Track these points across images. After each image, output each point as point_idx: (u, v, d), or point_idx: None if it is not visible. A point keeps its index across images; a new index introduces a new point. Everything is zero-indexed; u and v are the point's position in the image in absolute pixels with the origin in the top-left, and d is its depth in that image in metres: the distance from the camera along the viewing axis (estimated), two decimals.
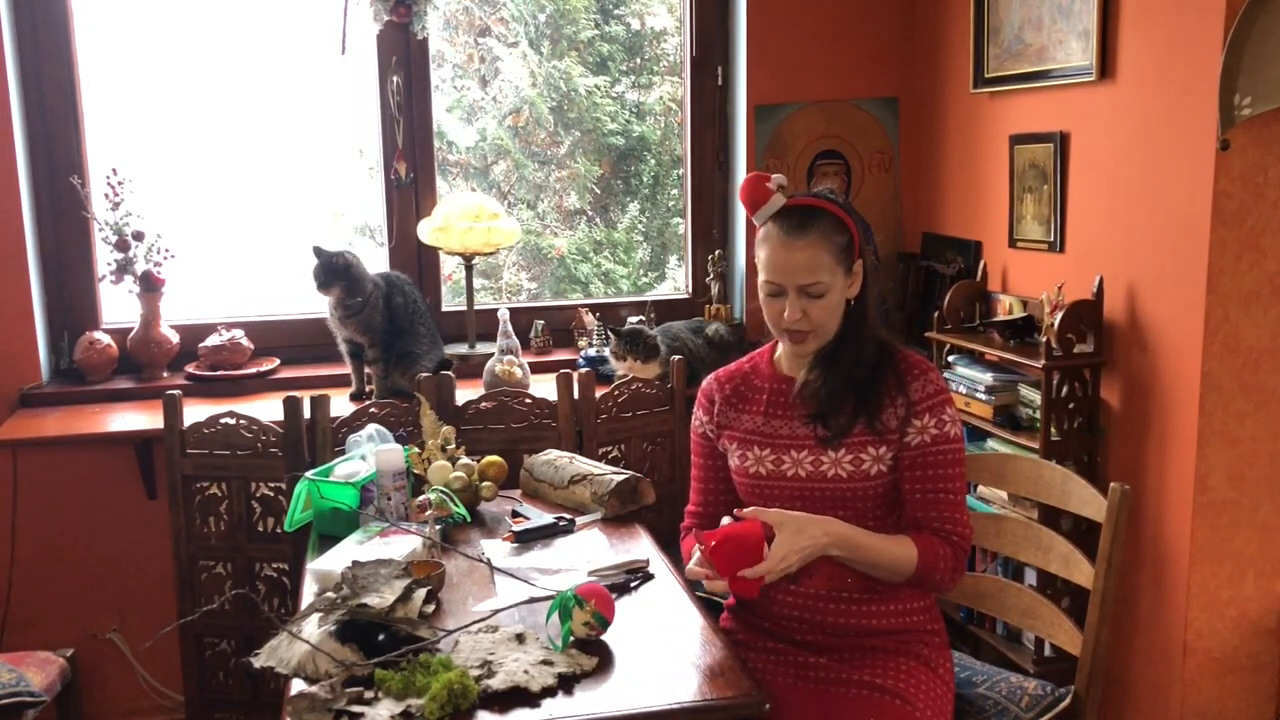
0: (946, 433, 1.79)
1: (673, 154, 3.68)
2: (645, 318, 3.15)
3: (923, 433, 1.78)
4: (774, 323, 1.82)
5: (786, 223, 1.78)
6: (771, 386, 1.89)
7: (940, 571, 1.77)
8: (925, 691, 1.74)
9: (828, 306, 1.78)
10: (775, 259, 1.78)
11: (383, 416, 2.53)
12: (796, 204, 1.79)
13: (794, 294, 1.77)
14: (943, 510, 1.79)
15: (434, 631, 1.63)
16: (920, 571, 1.75)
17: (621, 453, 2.71)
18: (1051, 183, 2.60)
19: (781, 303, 1.78)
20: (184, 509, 2.51)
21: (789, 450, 1.82)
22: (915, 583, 1.79)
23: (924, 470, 1.79)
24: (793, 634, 1.83)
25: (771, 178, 1.80)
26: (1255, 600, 2.29)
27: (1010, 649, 2.55)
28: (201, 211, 3.21)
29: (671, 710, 1.49)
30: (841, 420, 1.80)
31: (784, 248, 1.77)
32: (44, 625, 2.81)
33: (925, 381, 1.80)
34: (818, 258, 1.75)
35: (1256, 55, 2.03)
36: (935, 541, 1.77)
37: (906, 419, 1.78)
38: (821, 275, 1.76)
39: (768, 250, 1.79)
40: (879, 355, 1.83)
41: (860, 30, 3.18)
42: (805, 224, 1.77)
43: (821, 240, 1.76)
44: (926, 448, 1.78)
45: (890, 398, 1.80)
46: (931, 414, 1.78)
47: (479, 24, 3.60)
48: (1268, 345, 2.20)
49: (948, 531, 1.78)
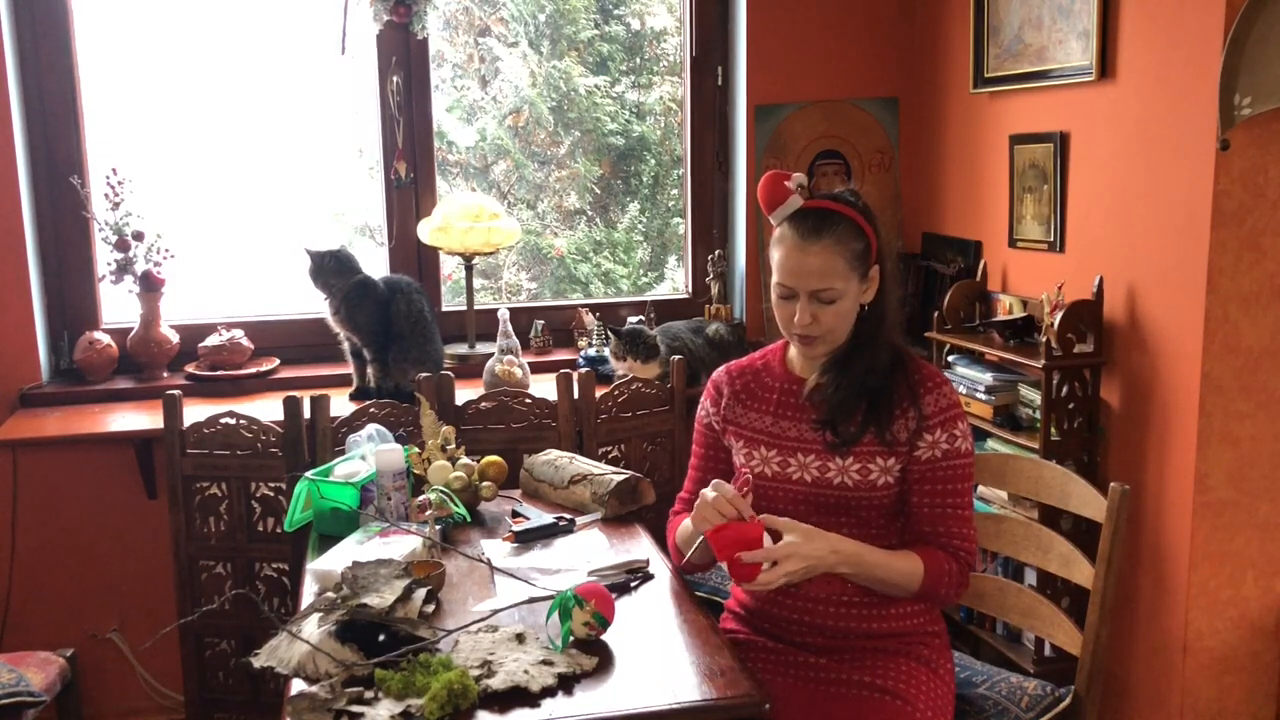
0: (958, 448, 1.76)
1: (673, 154, 3.68)
2: (645, 318, 3.15)
3: (934, 447, 1.76)
4: (784, 325, 1.80)
5: (802, 225, 1.74)
6: (782, 386, 1.87)
7: (946, 587, 1.75)
8: (925, 692, 1.74)
9: (839, 313, 1.75)
10: (788, 262, 1.75)
11: (383, 416, 2.53)
12: (814, 206, 1.75)
13: (805, 299, 1.74)
14: (950, 525, 1.77)
15: (434, 631, 1.63)
16: (926, 587, 1.74)
17: (621, 453, 2.71)
18: (1051, 183, 2.60)
19: (792, 306, 1.76)
20: (184, 509, 2.51)
21: (796, 453, 1.81)
22: (920, 597, 1.77)
23: (933, 484, 1.76)
24: (793, 636, 1.83)
25: (792, 177, 1.76)
26: (1255, 600, 2.29)
27: (1010, 649, 2.55)
28: (201, 211, 3.21)
29: (671, 710, 1.49)
30: (851, 428, 1.77)
31: (798, 251, 1.73)
32: (44, 625, 2.81)
33: (939, 395, 1.77)
34: (832, 263, 1.72)
35: (1256, 55, 2.03)
36: (942, 557, 1.75)
37: (918, 432, 1.76)
38: (835, 281, 1.73)
39: (781, 252, 1.76)
40: (893, 363, 1.80)
41: (860, 30, 3.18)
42: (820, 228, 1.73)
43: (836, 246, 1.72)
44: (937, 462, 1.76)
45: (902, 409, 1.77)
46: (944, 429, 1.76)
47: (479, 24, 3.60)
48: (1268, 345, 2.20)
49: (955, 547, 1.77)
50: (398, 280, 2.85)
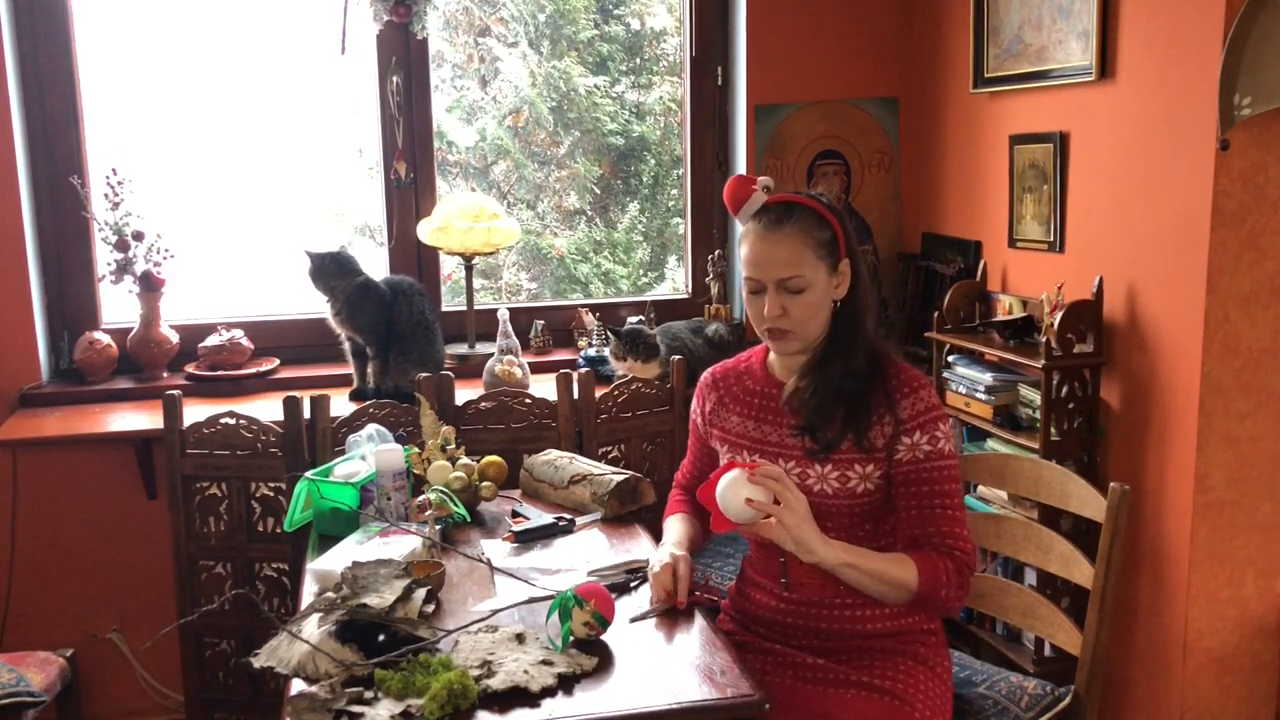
0: (940, 449, 1.74)
1: (673, 154, 3.68)
2: (645, 318, 3.15)
3: (914, 449, 1.74)
4: (756, 322, 1.80)
5: (766, 217, 1.77)
6: (763, 390, 1.87)
7: (944, 587, 1.70)
8: (924, 691, 1.74)
9: (809, 304, 1.75)
10: (753, 253, 1.76)
11: (383, 416, 2.53)
12: (776, 200, 1.78)
13: (773, 289, 1.74)
14: (940, 525, 1.73)
15: (434, 631, 1.63)
16: (923, 589, 1.70)
17: (621, 453, 2.71)
18: (1051, 183, 2.60)
19: (762, 300, 1.76)
20: (184, 509, 2.51)
21: (776, 459, 1.79)
22: (920, 602, 1.73)
23: (918, 486, 1.74)
24: (788, 639, 1.82)
25: (757, 179, 1.79)
26: (1255, 600, 2.29)
27: (1010, 649, 2.55)
28: (201, 211, 3.21)
29: (671, 710, 1.49)
30: (830, 434, 1.75)
31: (762, 241, 1.75)
32: (44, 625, 2.81)
33: (915, 400, 1.75)
34: (796, 251, 1.73)
35: (1256, 55, 2.03)
36: (935, 557, 1.72)
37: (895, 437, 1.74)
38: (801, 269, 1.73)
39: (747, 246, 1.78)
40: (870, 367, 1.78)
41: (860, 30, 3.18)
42: (783, 218, 1.75)
43: (800, 234, 1.74)
44: (920, 464, 1.74)
45: (879, 415, 1.75)
46: (923, 430, 1.74)
47: (479, 24, 3.60)
48: (1268, 345, 2.20)
49: (949, 546, 1.73)
50: (400, 281, 2.85)
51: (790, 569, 1.80)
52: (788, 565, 1.80)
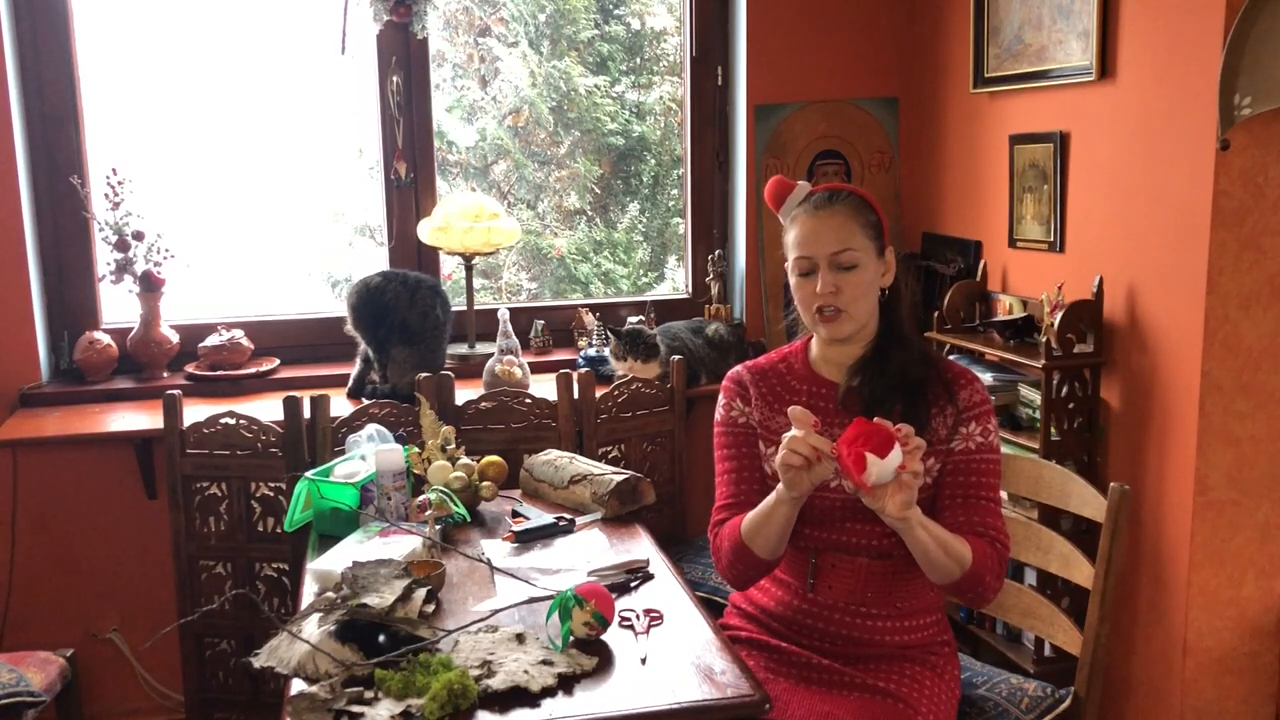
0: (990, 442, 1.76)
1: (673, 154, 3.68)
2: (645, 318, 3.15)
3: (968, 439, 1.75)
4: (805, 305, 1.77)
5: (814, 200, 1.78)
6: (810, 389, 1.83)
7: (990, 573, 1.69)
8: (929, 696, 1.73)
9: (860, 282, 1.73)
10: (804, 230, 1.76)
11: (383, 416, 2.53)
12: (819, 189, 1.80)
13: (825, 266, 1.73)
14: (984, 516, 1.73)
15: (434, 631, 1.63)
16: (975, 568, 1.66)
17: (621, 453, 2.71)
18: (1051, 183, 2.60)
19: (813, 281, 1.74)
20: (184, 509, 2.51)
21: None
22: (966, 582, 1.68)
23: (965, 476, 1.74)
24: (801, 639, 1.82)
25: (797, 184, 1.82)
26: (1255, 600, 2.29)
27: (1010, 649, 2.55)
28: (201, 211, 3.21)
29: (671, 710, 1.49)
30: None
31: (812, 219, 1.75)
32: (44, 625, 2.81)
33: (973, 390, 1.77)
34: (848, 226, 1.74)
35: (1256, 55, 2.03)
36: (983, 543, 1.71)
37: (955, 427, 1.75)
38: (852, 243, 1.73)
39: (797, 227, 1.77)
40: (924, 361, 1.79)
41: (860, 30, 3.18)
42: (833, 198, 1.77)
43: (850, 211, 1.75)
44: (971, 454, 1.75)
45: (939, 405, 1.76)
46: (978, 422, 1.75)
47: (479, 24, 3.60)
48: (1268, 345, 2.20)
49: (991, 536, 1.72)
50: (419, 280, 2.83)
51: (820, 572, 1.79)
52: (818, 567, 1.79)
